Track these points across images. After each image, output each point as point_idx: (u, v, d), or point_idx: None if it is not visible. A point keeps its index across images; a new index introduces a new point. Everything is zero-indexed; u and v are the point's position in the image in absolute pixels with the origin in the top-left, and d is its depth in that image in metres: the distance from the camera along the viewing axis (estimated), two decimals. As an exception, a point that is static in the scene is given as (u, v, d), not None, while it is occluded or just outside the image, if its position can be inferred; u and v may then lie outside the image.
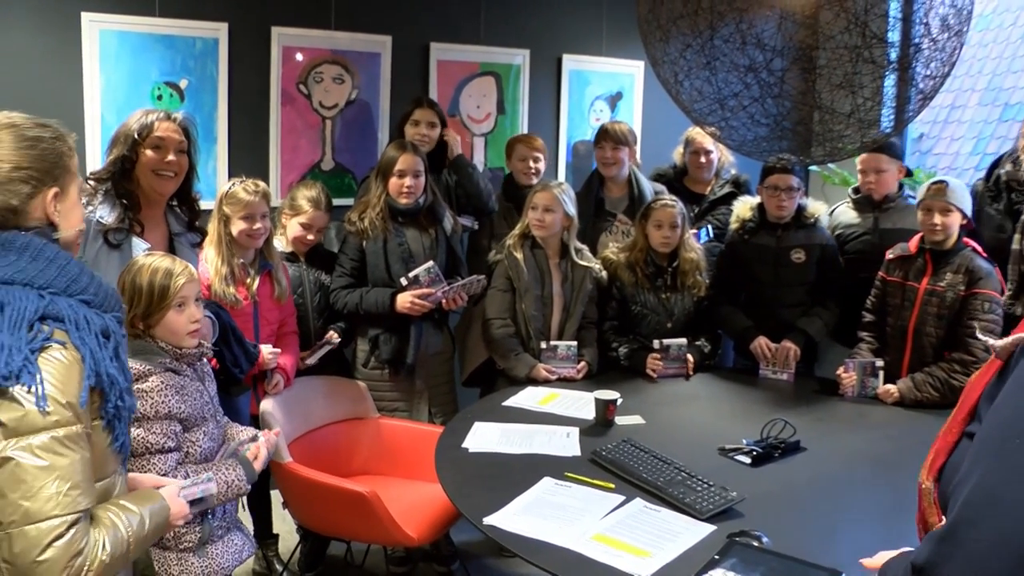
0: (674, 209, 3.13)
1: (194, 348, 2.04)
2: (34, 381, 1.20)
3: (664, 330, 3.15)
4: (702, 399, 2.90)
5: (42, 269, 1.29)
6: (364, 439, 2.98)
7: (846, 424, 2.64)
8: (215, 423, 2.08)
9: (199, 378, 2.08)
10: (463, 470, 2.24)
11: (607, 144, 3.53)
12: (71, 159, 1.39)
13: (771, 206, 3.16)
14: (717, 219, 3.62)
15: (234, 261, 2.70)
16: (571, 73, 4.31)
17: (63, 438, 1.21)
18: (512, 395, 2.86)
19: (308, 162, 3.65)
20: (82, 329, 1.27)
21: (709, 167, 3.75)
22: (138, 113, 2.36)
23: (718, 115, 2.17)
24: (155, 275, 1.97)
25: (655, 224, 3.13)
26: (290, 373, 2.82)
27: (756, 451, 2.29)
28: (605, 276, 3.19)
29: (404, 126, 3.36)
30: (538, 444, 2.40)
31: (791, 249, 3.16)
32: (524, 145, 3.54)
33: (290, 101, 3.55)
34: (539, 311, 3.09)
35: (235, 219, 2.68)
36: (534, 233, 3.10)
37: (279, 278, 2.83)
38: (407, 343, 3.02)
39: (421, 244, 3.07)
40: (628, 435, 2.41)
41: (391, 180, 3.01)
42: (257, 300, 2.75)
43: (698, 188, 3.80)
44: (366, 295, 3.00)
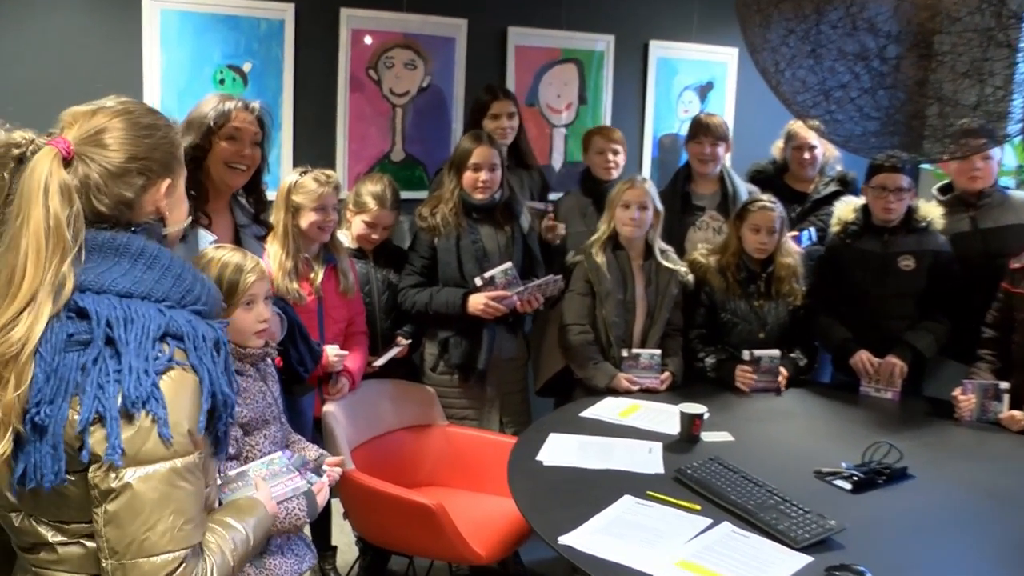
0: (773, 212, 3.10)
1: (259, 348, 2.09)
2: (160, 408, 1.21)
3: (755, 340, 3.12)
4: (797, 416, 2.87)
5: (158, 279, 1.28)
6: (431, 448, 3.02)
7: (961, 452, 2.57)
8: (278, 426, 2.13)
9: (262, 378, 2.12)
10: (537, 484, 2.25)
11: (706, 139, 3.51)
12: (180, 150, 1.39)
13: (877, 208, 3.10)
14: (821, 220, 3.56)
15: (299, 255, 2.75)
16: (659, 61, 4.29)
17: (181, 469, 1.23)
18: (590, 406, 2.86)
19: (377, 152, 3.72)
20: (200, 347, 1.27)
21: (813, 163, 3.69)
22: (213, 98, 2.37)
23: (822, 108, 2.14)
24: (224, 270, 2.01)
25: (751, 228, 3.11)
26: (356, 377, 2.87)
27: (857, 476, 2.25)
28: (692, 280, 3.18)
29: (482, 120, 3.40)
30: (618, 459, 2.40)
31: (899, 255, 3.08)
32: (602, 137, 3.55)
33: (359, 87, 3.62)
34: (621, 317, 3.09)
35: (306, 211, 2.73)
36: (624, 233, 3.11)
37: (345, 270, 2.87)
38: (479, 347, 3.05)
39: (496, 242, 3.10)
40: (715, 453, 2.40)
41: (465, 174, 3.04)
42: (322, 296, 2.80)
43: (800, 186, 3.74)
44: (436, 295, 3.04)
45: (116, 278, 1.26)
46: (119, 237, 1.28)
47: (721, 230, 3.47)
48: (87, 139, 1.28)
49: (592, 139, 3.58)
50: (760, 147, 4.03)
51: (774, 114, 4.20)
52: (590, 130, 3.69)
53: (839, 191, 3.58)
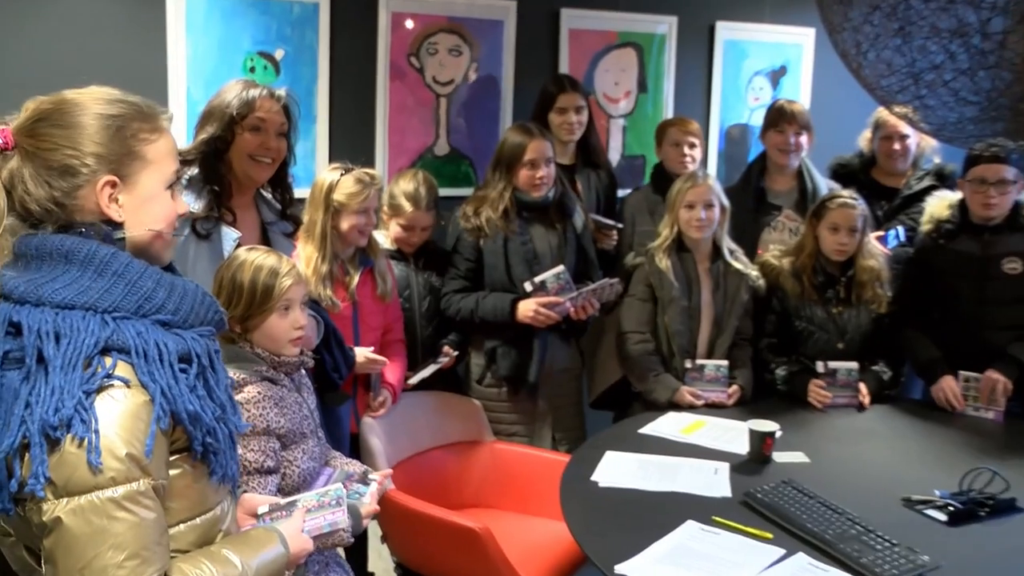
0: (854, 210, 3.04)
1: (295, 356, 2.11)
2: (88, 431, 1.17)
3: (834, 351, 3.07)
4: (881, 436, 2.81)
5: (107, 288, 1.25)
6: (477, 466, 3.02)
7: None
8: (315, 440, 2.14)
9: (296, 388, 2.14)
10: (592, 507, 2.24)
11: (790, 127, 3.46)
12: (148, 143, 1.33)
13: (976, 203, 3.01)
14: (912, 219, 3.48)
15: (335, 259, 2.76)
16: (726, 43, 4.26)
17: (120, 499, 1.18)
18: (650, 421, 2.85)
19: (419, 146, 3.74)
20: (152, 361, 1.24)
21: (904, 155, 3.62)
22: (236, 85, 2.37)
23: (911, 92, 2.08)
24: (259, 273, 2.04)
25: (830, 227, 3.06)
26: (397, 389, 2.87)
27: (954, 506, 2.19)
28: (763, 285, 3.14)
29: (547, 114, 3.39)
30: (681, 480, 2.38)
31: (1002, 257, 2.99)
32: (678, 129, 3.54)
33: (399, 76, 3.64)
34: (685, 325, 3.06)
35: (347, 213, 2.72)
36: (691, 235, 3.08)
37: (382, 273, 2.87)
38: (529, 357, 3.05)
39: (548, 243, 3.09)
40: (789, 475, 2.37)
41: (521, 171, 3.03)
42: (357, 301, 2.81)
43: (890, 181, 3.67)
44: (483, 300, 3.04)
45: (57, 288, 1.24)
46: (60, 241, 1.26)
47: (798, 231, 3.41)
48: (25, 129, 1.29)
49: (666, 131, 3.57)
50: (840, 140, 3.97)
51: (857, 102, 4.11)
52: (664, 121, 3.68)
53: (934, 186, 3.48)
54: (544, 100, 3.43)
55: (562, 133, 3.28)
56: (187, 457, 1.31)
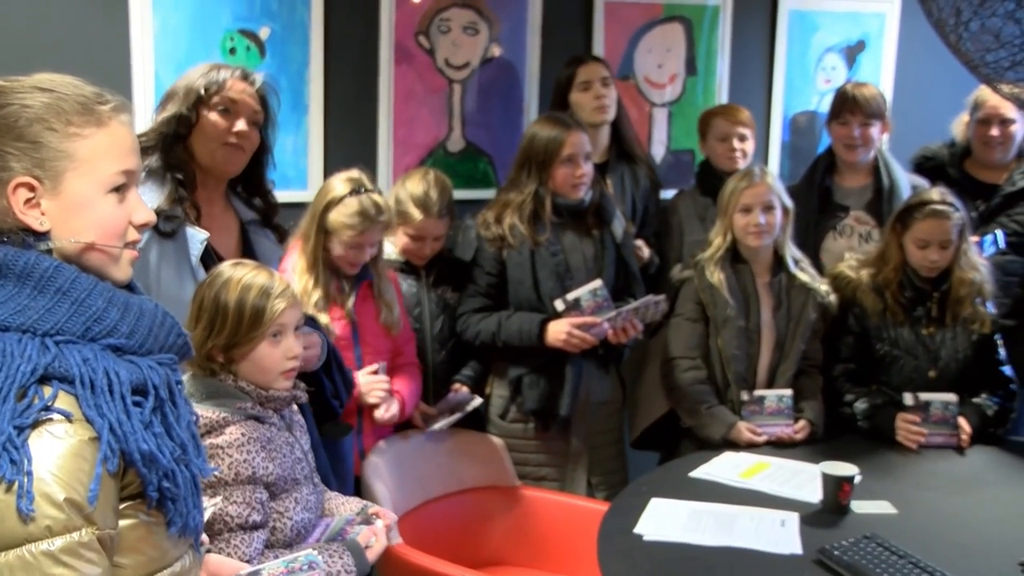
0: (948, 221, 2.99)
1: (287, 391, 2.10)
2: (18, 472, 1.15)
3: (924, 380, 3.05)
4: (987, 484, 2.77)
5: (49, 307, 1.25)
6: (499, 516, 3.02)
7: None
8: (310, 487, 2.14)
9: (287, 427, 2.14)
10: (635, 566, 2.23)
11: (854, 117, 3.45)
12: (78, 139, 1.31)
13: None
14: (1016, 221, 3.45)
15: (329, 283, 2.76)
16: (792, 15, 4.24)
17: (58, 552, 1.17)
18: (703, 463, 2.83)
19: (430, 140, 3.73)
20: (100, 392, 1.23)
21: (1006, 144, 3.57)
22: (204, 66, 2.42)
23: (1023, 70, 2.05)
24: (247, 293, 2.03)
25: (916, 241, 3.03)
26: (408, 402, 2.87)
27: None
28: (835, 301, 3.12)
29: (568, 93, 3.39)
30: (741, 534, 2.36)
31: None
32: (725, 119, 3.53)
33: (406, 58, 3.64)
34: (742, 349, 3.06)
35: (339, 238, 2.71)
36: (748, 243, 3.07)
37: (386, 296, 2.85)
38: (560, 388, 3.04)
39: (582, 254, 3.09)
40: (871, 528, 2.34)
41: (558, 170, 3.03)
42: (356, 321, 2.81)
43: (987, 175, 3.63)
44: (507, 322, 3.03)
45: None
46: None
47: (870, 237, 3.40)
48: None
49: (712, 122, 3.56)
50: (931, 129, 3.93)
51: (954, 84, 4.07)
52: (708, 111, 3.67)
53: None
54: (562, 81, 3.43)
55: (593, 113, 3.28)
56: (140, 504, 1.30)
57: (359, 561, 1.97)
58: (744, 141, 3.51)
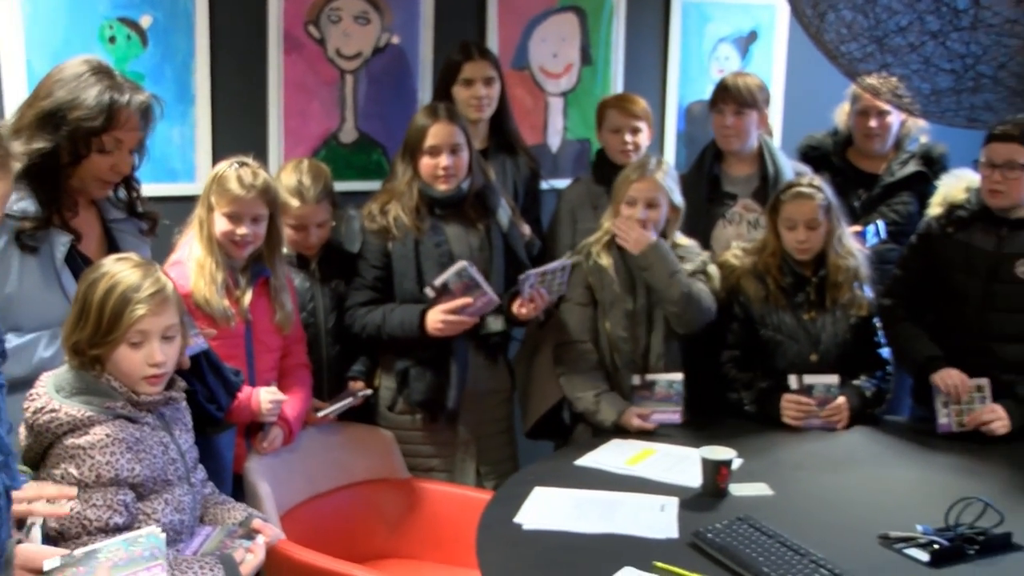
0: (812, 201, 3.05)
1: (155, 395, 2.06)
2: None
3: (806, 363, 3.09)
4: (859, 464, 2.82)
5: None
6: (389, 508, 2.99)
7: None
8: (186, 488, 2.10)
9: (165, 426, 2.11)
10: (513, 555, 2.23)
11: (727, 106, 3.49)
12: None
13: (983, 189, 3.03)
14: (895, 211, 3.51)
15: (231, 263, 2.72)
16: (685, 6, 4.27)
17: None
18: (590, 451, 2.84)
19: (322, 131, 3.68)
20: None
21: (883, 135, 3.63)
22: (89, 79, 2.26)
23: (876, 60, 2.09)
24: (110, 294, 1.98)
25: (786, 223, 3.08)
26: (294, 425, 2.82)
27: (939, 544, 2.19)
28: (714, 271, 3.15)
29: (451, 87, 3.38)
30: (621, 520, 2.37)
31: (1017, 258, 3.01)
32: (618, 110, 3.53)
33: (296, 48, 3.58)
34: (629, 331, 3.08)
35: (218, 213, 2.68)
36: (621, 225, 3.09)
37: (280, 293, 2.82)
38: (447, 379, 3.03)
39: (467, 244, 3.08)
40: (747, 511, 2.37)
41: (422, 159, 3.03)
42: (250, 319, 2.77)
43: (869, 165, 3.69)
44: (390, 315, 3.03)
45: None
46: None
47: (758, 223, 3.45)
48: None
49: (606, 113, 3.57)
50: (823, 118, 3.98)
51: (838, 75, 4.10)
52: (604, 100, 3.67)
53: (920, 172, 3.50)
54: (448, 71, 3.41)
55: (469, 110, 3.26)
56: None
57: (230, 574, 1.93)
58: (637, 134, 3.50)
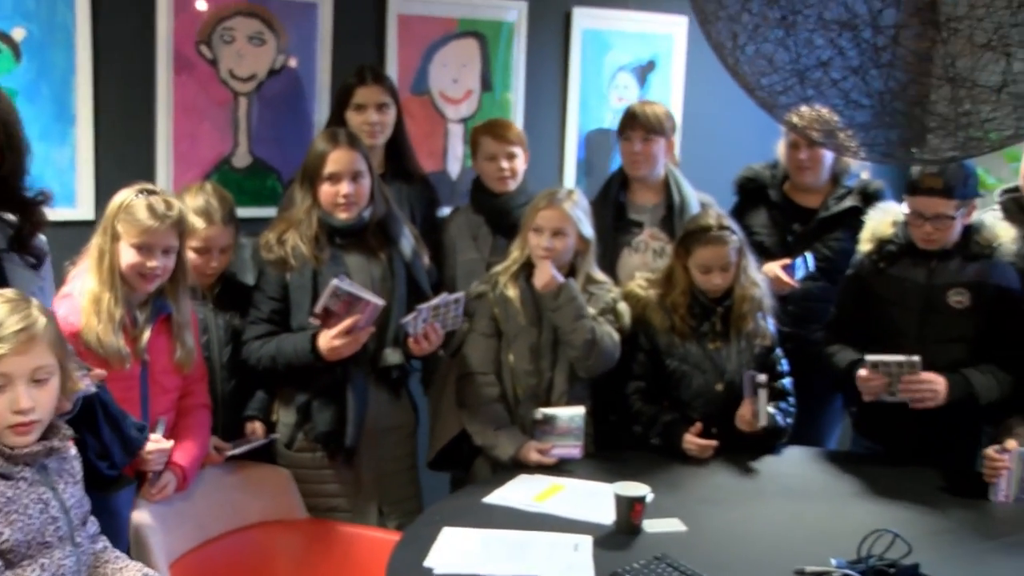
0: (727, 246, 3.06)
1: (30, 446, 1.91)
2: None
3: (712, 393, 3.11)
4: (768, 496, 2.83)
5: None
6: (286, 551, 2.90)
7: (995, 545, 2.52)
8: (68, 549, 1.96)
9: (46, 482, 1.96)
10: (424, 602, 2.17)
11: (635, 133, 3.49)
12: None
13: (915, 236, 3.08)
14: (829, 247, 3.52)
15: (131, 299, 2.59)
16: (585, 34, 4.27)
17: None
18: (497, 488, 2.79)
19: (214, 155, 3.58)
20: None
21: (815, 168, 3.58)
22: None
23: (796, 93, 2.09)
24: None
25: (700, 268, 3.08)
26: (189, 472, 2.70)
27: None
28: (624, 308, 3.14)
29: (345, 111, 3.33)
30: (533, 561, 2.34)
31: (949, 288, 3.05)
32: (493, 137, 3.46)
33: (187, 68, 3.47)
34: (534, 364, 3.06)
35: (125, 244, 2.56)
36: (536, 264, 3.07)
37: (183, 329, 2.70)
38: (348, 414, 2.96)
39: (369, 274, 3.02)
40: (662, 548, 2.36)
41: (321, 186, 2.96)
42: (147, 360, 2.64)
43: (804, 199, 3.65)
44: (283, 342, 2.94)
45: None
46: None
47: (663, 252, 3.44)
48: None
49: (480, 140, 3.50)
50: (720, 147, 4.01)
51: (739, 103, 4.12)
52: (476, 128, 3.61)
53: (856, 208, 3.49)
54: (341, 96, 3.35)
55: (361, 136, 3.18)
56: None
57: None
58: (513, 159, 3.44)
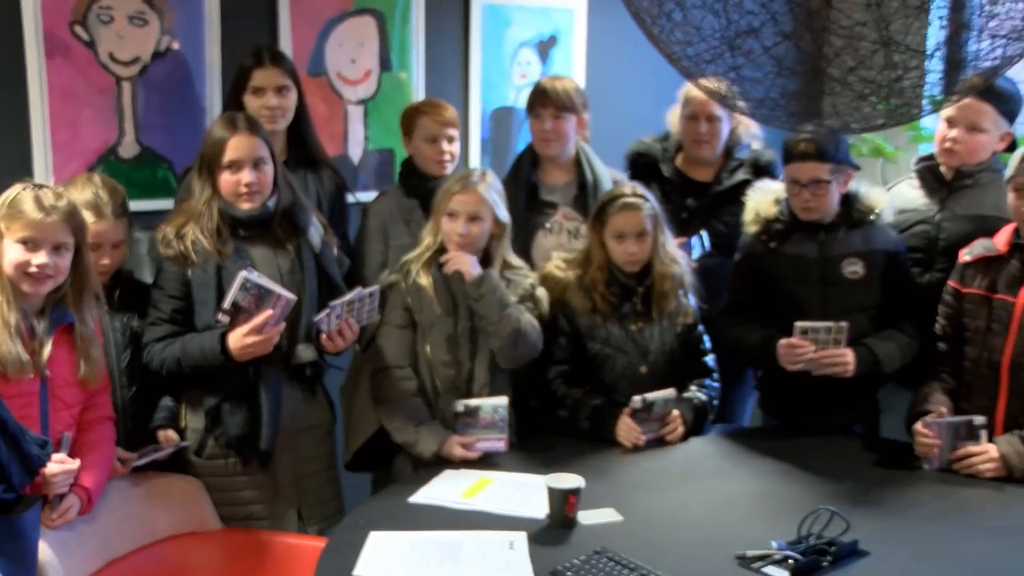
0: (641, 212, 3.01)
1: None
2: None
3: (637, 376, 3.06)
4: (699, 477, 2.80)
5: None
6: (200, 565, 2.78)
7: (926, 513, 2.54)
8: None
9: None
10: (357, 615, 2.07)
11: (545, 110, 3.41)
12: None
13: (795, 206, 3.08)
14: (724, 222, 3.48)
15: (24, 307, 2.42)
16: (485, 9, 4.20)
17: None
18: (423, 485, 2.69)
19: (98, 145, 3.37)
20: None
21: (713, 141, 3.56)
22: None
23: (726, 63, 2.02)
24: None
25: (614, 235, 3.03)
26: (94, 493, 2.54)
27: (795, 559, 2.19)
28: (542, 294, 3.08)
29: (242, 95, 3.18)
30: (469, 563, 2.25)
31: (843, 259, 3.06)
32: (433, 120, 3.36)
33: (61, 51, 3.25)
34: (452, 354, 2.98)
35: (8, 240, 2.39)
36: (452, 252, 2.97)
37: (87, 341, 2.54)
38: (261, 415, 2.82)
39: (276, 267, 2.88)
40: (600, 541, 2.30)
41: (221, 175, 2.82)
42: (47, 375, 2.47)
43: (700, 173, 3.63)
44: (188, 343, 2.78)
45: None
46: None
47: (578, 233, 3.38)
48: None
49: (418, 121, 3.39)
50: (622, 121, 3.95)
51: (640, 77, 4.11)
52: (412, 107, 3.50)
53: (747, 181, 3.46)
54: (238, 78, 3.20)
55: (262, 121, 3.04)
56: None
57: None
58: (453, 143, 3.37)
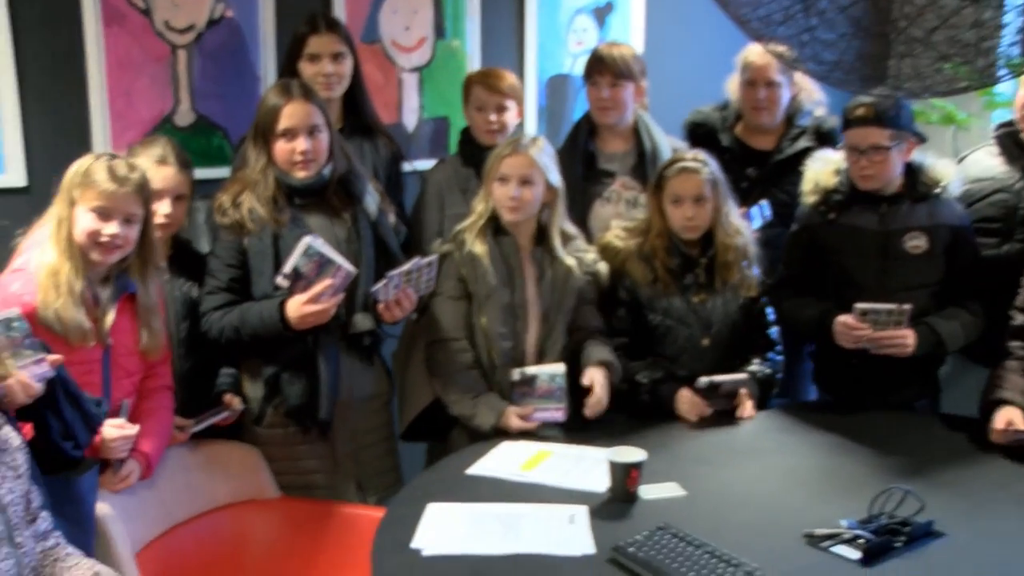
0: (698, 175, 2.96)
1: None
2: None
3: (698, 348, 3.02)
4: (763, 453, 2.74)
5: None
6: (260, 533, 2.80)
7: (1007, 495, 2.46)
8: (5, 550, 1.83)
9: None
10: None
11: (602, 78, 3.36)
12: None
13: (854, 175, 3.01)
14: (785, 191, 3.41)
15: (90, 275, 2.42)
16: (540, -25, 4.15)
17: None
18: (480, 457, 2.67)
19: (155, 114, 3.36)
20: None
21: (772, 108, 3.49)
22: None
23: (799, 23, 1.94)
24: None
25: (672, 199, 2.98)
26: (152, 459, 2.56)
27: (866, 539, 2.14)
28: (604, 269, 3.05)
29: (297, 62, 3.16)
30: (529, 537, 2.22)
31: (905, 233, 2.99)
32: (483, 87, 3.33)
33: (117, 19, 3.24)
34: (508, 326, 2.95)
35: (82, 208, 2.39)
36: (505, 217, 2.94)
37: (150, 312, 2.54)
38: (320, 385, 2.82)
39: (333, 236, 2.85)
40: (663, 516, 2.26)
41: (276, 143, 2.80)
42: (111, 343, 2.48)
43: (760, 141, 3.56)
44: (247, 312, 2.78)
45: None
46: None
47: (637, 202, 3.34)
48: None
49: (472, 89, 3.37)
50: (681, 88, 3.87)
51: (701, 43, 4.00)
52: (469, 76, 3.48)
53: (810, 148, 3.39)
54: (293, 46, 3.17)
55: (316, 88, 3.02)
56: None
57: None
58: (503, 112, 3.32)
